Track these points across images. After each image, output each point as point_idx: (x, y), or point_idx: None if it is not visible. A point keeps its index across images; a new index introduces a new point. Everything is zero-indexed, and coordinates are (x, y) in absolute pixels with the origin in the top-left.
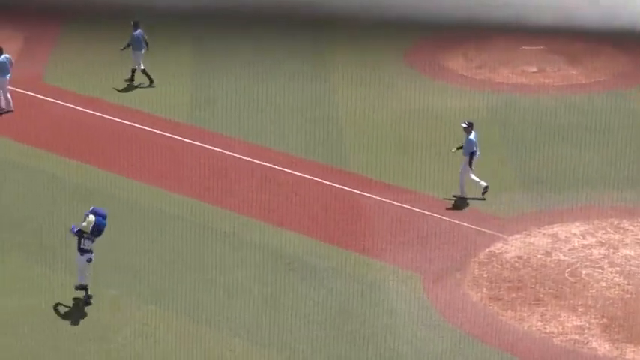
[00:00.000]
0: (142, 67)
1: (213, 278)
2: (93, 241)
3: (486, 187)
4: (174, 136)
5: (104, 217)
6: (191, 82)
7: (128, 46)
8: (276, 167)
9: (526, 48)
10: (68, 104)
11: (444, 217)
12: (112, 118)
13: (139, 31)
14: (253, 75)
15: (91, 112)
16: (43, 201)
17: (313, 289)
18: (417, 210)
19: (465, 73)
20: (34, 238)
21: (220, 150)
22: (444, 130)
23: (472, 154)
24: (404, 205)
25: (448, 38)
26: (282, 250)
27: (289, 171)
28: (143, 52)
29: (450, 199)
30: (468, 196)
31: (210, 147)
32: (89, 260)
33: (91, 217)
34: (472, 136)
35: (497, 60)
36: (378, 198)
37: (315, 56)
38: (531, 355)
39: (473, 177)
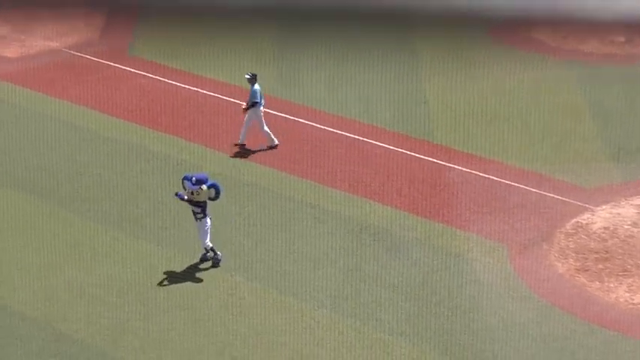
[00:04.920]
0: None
1: (298, 249)
2: (202, 207)
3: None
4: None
5: (206, 180)
6: (277, 56)
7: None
8: (362, 139)
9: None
10: (153, 76)
11: (530, 188)
12: (197, 89)
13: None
14: (340, 54)
15: (177, 83)
16: (129, 172)
17: (398, 261)
18: (503, 181)
19: (552, 44)
20: (121, 208)
21: (306, 122)
22: (530, 101)
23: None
24: (489, 176)
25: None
26: (367, 221)
27: (375, 142)
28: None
29: (535, 171)
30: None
31: (297, 119)
32: (210, 219)
33: (204, 187)
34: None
35: (585, 30)
36: (463, 169)
37: (401, 32)
38: (618, 327)
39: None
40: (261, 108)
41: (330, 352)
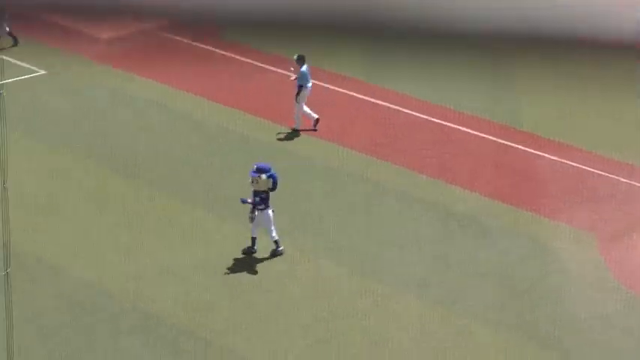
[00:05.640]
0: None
1: (384, 234)
2: (263, 197)
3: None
4: (346, 92)
5: (267, 170)
6: (362, 39)
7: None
8: (450, 124)
9: None
10: (245, 59)
11: (620, 178)
12: (283, 71)
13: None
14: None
15: (268, 67)
16: (219, 154)
17: (484, 248)
18: (592, 170)
19: None
20: (210, 190)
21: (393, 106)
22: (624, 89)
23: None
24: (578, 165)
25: None
26: (453, 208)
27: (463, 129)
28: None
29: (626, 161)
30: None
31: (384, 103)
32: (273, 212)
33: (263, 176)
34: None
35: None
36: (552, 157)
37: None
38: None
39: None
40: (308, 89)
41: (414, 337)
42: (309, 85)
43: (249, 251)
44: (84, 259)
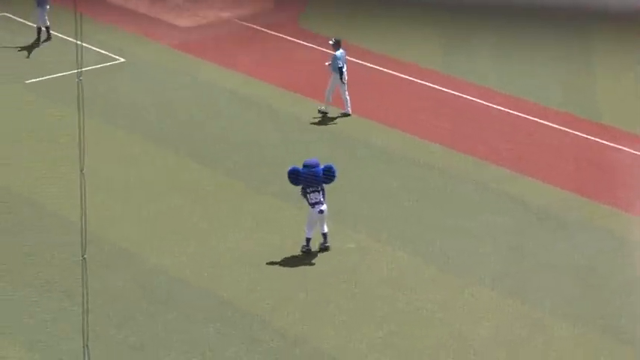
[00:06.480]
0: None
1: (460, 226)
2: (319, 192)
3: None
4: (426, 83)
5: (314, 166)
6: (446, 31)
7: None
8: (528, 117)
9: None
10: (319, 47)
11: None
12: (361, 62)
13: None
14: (510, 32)
15: (350, 58)
16: (294, 143)
17: (561, 241)
18: None
19: None
20: (283, 179)
21: (473, 98)
22: None
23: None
24: None
25: None
26: (531, 200)
27: (541, 121)
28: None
29: None
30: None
31: (463, 95)
32: (320, 212)
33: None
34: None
35: None
36: (631, 151)
37: (573, 14)
38: None
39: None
40: (344, 73)
41: (489, 330)
42: (344, 69)
43: (307, 250)
44: (159, 246)
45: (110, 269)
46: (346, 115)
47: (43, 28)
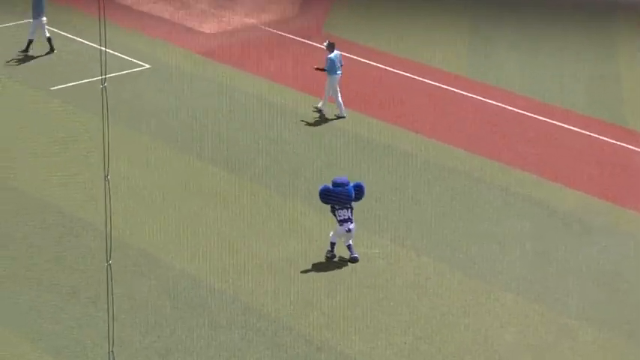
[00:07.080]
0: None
1: (486, 231)
2: (348, 209)
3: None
4: (451, 88)
5: (344, 185)
6: (470, 37)
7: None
8: (552, 121)
9: None
10: (350, 55)
11: None
12: (386, 67)
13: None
14: (534, 35)
15: (368, 62)
16: (319, 148)
17: (587, 246)
18: None
19: None
20: (310, 184)
21: (495, 103)
22: None
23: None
24: None
25: None
26: (556, 205)
27: (565, 125)
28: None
29: None
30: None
31: (486, 99)
32: (348, 231)
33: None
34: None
35: None
36: None
37: (597, 19)
38: None
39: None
40: (338, 76)
41: (515, 335)
42: (339, 72)
43: (332, 256)
44: (185, 252)
45: (135, 275)
46: (340, 117)
47: (45, 40)
